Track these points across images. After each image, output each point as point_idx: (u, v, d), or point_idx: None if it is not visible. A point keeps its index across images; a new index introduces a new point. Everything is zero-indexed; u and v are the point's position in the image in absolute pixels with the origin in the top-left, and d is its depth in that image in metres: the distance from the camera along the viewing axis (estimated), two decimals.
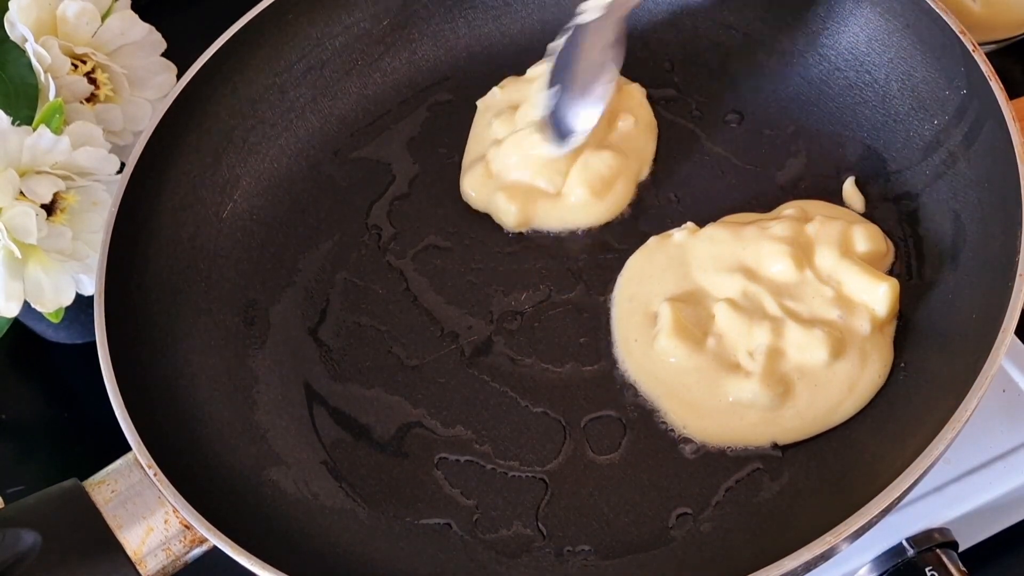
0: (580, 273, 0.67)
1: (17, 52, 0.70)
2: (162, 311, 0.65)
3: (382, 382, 0.65)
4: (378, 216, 0.72)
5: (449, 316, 0.66)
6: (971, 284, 0.59)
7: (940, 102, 0.64)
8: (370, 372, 0.65)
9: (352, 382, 0.65)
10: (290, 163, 0.74)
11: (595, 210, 0.68)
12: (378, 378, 0.65)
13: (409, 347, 0.66)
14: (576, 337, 0.65)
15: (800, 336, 0.59)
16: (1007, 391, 0.65)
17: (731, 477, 0.58)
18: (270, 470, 0.62)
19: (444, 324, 0.66)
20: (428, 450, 0.62)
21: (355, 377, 0.65)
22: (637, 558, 0.57)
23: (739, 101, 0.72)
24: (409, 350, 0.66)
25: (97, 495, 0.56)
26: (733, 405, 0.59)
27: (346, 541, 0.59)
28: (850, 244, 0.62)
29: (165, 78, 0.76)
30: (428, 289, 0.67)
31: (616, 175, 0.69)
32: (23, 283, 0.67)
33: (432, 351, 0.66)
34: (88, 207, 0.69)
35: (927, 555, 0.61)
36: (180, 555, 0.56)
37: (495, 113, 0.72)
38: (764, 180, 0.69)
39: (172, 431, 0.60)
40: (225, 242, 0.70)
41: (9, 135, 0.65)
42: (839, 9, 0.70)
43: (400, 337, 0.66)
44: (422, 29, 0.77)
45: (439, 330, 0.66)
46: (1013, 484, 0.63)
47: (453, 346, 0.66)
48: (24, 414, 0.83)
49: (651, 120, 0.72)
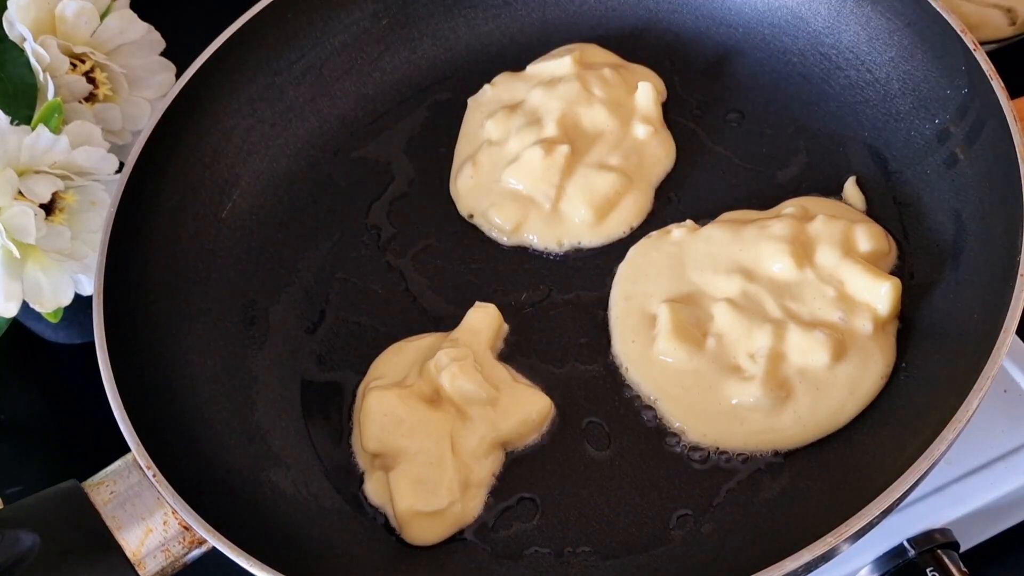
0: (580, 273, 0.67)
1: (16, 51, 0.69)
2: (161, 311, 0.65)
3: None
4: (377, 216, 0.71)
5: (448, 316, 0.66)
6: (972, 284, 0.59)
7: (941, 101, 0.64)
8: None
9: (352, 382, 0.65)
10: (289, 163, 0.74)
11: (597, 231, 0.68)
12: None
13: None
14: (576, 337, 0.65)
15: (801, 339, 0.59)
16: (1008, 391, 0.65)
17: (732, 478, 0.58)
18: (269, 471, 0.61)
19: (443, 324, 0.66)
20: None
21: (355, 377, 0.65)
22: (637, 559, 0.57)
23: (740, 100, 0.72)
24: None
25: (96, 496, 0.56)
26: (734, 408, 0.59)
27: (345, 542, 0.59)
28: (852, 243, 0.62)
29: (164, 77, 0.75)
30: (427, 289, 0.67)
31: (619, 198, 0.68)
32: (22, 283, 0.67)
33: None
34: (87, 207, 0.69)
35: (928, 556, 0.61)
36: (179, 556, 0.56)
37: (488, 113, 0.72)
38: (765, 179, 0.68)
39: (171, 432, 0.60)
40: (225, 242, 0.70)
41: (8, 134, 0.65)
42: (840, 8, 0.70)
43: (399, 337, 0.66)
44: (421, 28, 0.77)
45: (439, 330, 0.66)
46: (1014, 485, 0.63)
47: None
48: (23, 415, 0.83)
49: (668, 137, 0.71)
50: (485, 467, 0.60)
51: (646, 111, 0.70)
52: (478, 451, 0.59)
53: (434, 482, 0.58)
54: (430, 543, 0.58)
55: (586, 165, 0.68)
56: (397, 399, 0.60)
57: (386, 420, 0.60)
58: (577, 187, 0.67)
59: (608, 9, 0.77)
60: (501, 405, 0.60)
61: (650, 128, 0.70)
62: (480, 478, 0.59)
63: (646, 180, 0.69)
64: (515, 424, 0.60)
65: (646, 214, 0.68)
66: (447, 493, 0.58)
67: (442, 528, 0.58)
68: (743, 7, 0.74)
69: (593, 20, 0.77)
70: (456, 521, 0.59)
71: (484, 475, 0.59)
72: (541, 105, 0.71)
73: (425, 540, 0.59)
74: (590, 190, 0.67)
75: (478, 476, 0.59)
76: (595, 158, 0.69)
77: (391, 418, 0.60)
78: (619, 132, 0.70)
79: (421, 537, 0.58)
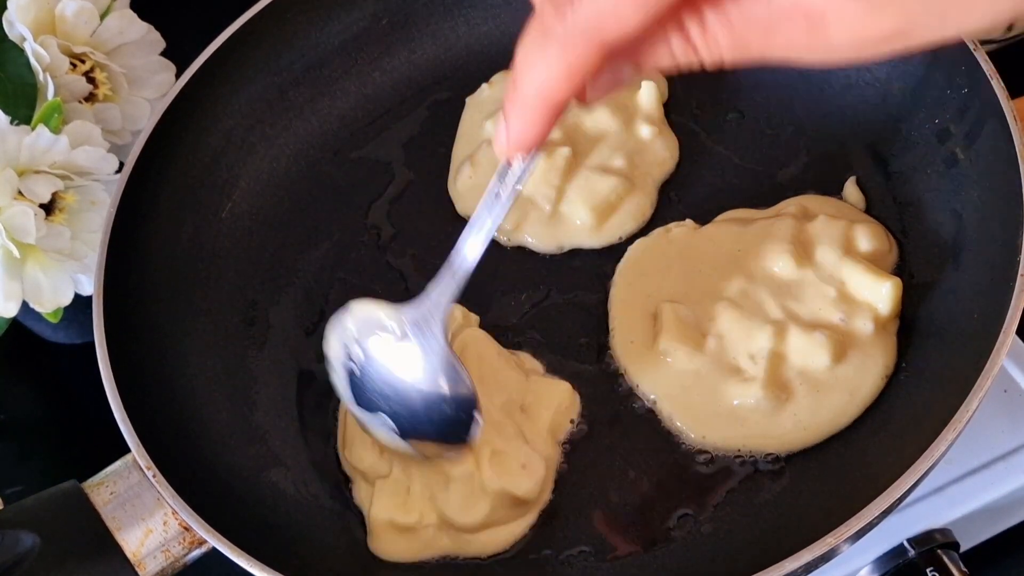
0: (580, 273, 0.67)
1: (16, 51, 0.69)
2: (161, 311, 0.65)
3: None
4: (377, 216, 0.71)
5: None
6: (972, 284, 0.59)
7: (941, 101, 0.64)
8: None
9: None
10: (289, 163, 0.74)
11: (597, 233, 0.68)
12: None
13: None
14: (576, 337, 0.64)
15: (802, 341, 0.59)
16: (1008, 391, 0.65)
17: (732, 478, 0.58)
18: (269, 471, 0.61)
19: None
20: None
21: None
22: (637, 559, 0.57)
23: (740, 100, 0.72)
24: None
25: (96, 496, 0.56)
26: (735, 409, 0.59)
27: (345, 542, 0.59)
28: (853, 243, 0.62)
29: (164, 77, 0.75)
30: None
31: (619, 202, 0.68)
32: (22, 283, 0.67)
33: None
34: (87, 207, 0.69)
35: (928, 556, 0.61)
36: (179, 557, 0.56)
37: (487, 114, 0.72)
38: (765, 179, 0.68)
39: (171, 432, 0.60)
40: (224, 242, 0.70)
41: (8, 134, 0.65)
42: None
43: None
44: (421, 28, 0.77)
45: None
46: (1014, 485, 0.63)
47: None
48: (23, 415, 0.83)
49: (671, 137, 0.71)
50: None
51: (649, 111, 0.70)
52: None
53: (410, 499, 0.58)
54: (394, 559, 0.58)
55: (588, 168, 0.68)
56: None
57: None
58: (578, 190, 0.67)
59: None
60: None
61: (654, 128, 0.70)
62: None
63: (649, 181, 0.69)
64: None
65: (647, 217, 0.68)
66: (417, 514, 0.57)
67: (409, 548, 0.58)
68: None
69: None
70: (426, 546, 0.58)
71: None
72: None
73: (390, 554, 0.58)
74: (591, 193, 0.67)
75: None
76: (597, 160, 0.68)
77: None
78: (622, 133, 0.70)
79: (386, 550, 0.58)
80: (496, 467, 0.57)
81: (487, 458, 0.57)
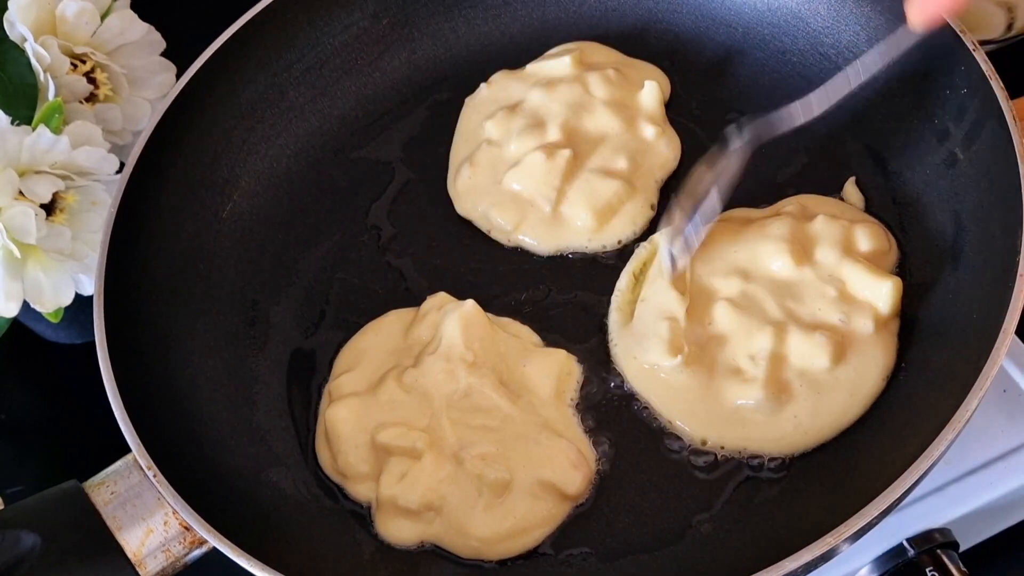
0: (580, 273, 0.67)
1: (16, 52, 0.69)
2: (162, 311, 0.65)
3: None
4: (377, 216, 0.71)
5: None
6: (972, 284, 0.59)
7: (941, 101, 0.64)
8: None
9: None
10: (290, 163, 0.74)
11: (598, 235, 0.68)
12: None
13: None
14: (576, 337, 0.64)
15: (802, 342, 0.59)
16: (1008, 391, 0.65)
17: (732, 479, 0.58)
18: (270, 471, 0.61)
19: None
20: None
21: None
22: (637, 560, 0.57)
23: (740, 100, 0.72)
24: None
25: (97, 496, 0.56)
26: (735, 410, 0.59)
27: (346, 543, 0.59)
28: (853, 243, 0.62)
29: (164, 78, 0.75)
30: (427, 290, 0.67)
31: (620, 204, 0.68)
32: (22, 283, 0.67)
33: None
34: (87, 207, 0.69)
35: (927, 556, 0.61)
36: (180, 556, 0.56)
37: (486, 114, 0.72)
38: (765, 179, 0.68)
39: (172, 432, 0.60)
40: (225, 242, 0.70)
41: (8, 135, 0.65)
42: (840, 8, 0.70)
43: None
44: (421, 28, 0.77)
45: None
46: (1014, 484, 0.63)
47: None
48: (23, 415, 0.83)
49: (674, 137, 0.71)
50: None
51: (651, 111, 0.70)
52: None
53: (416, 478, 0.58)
54: (396, 543, 0.58)
55: (589, 170, 0.68)
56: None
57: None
58: (579, 192, 0.67)
59: (608, 9, 0.77)
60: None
61: (657, 128, 0.70)
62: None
63: (651, 181, 0.69)
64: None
65: (649, 219, 0.68)
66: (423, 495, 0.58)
67: (412, 531, 0.58)
68: (743, 7, 0.74)
69: (593, 20, 0.77)
70: (429, 532, 0.58)
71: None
72: (542, 107, 0.70)
73: (392, 537, 0.58)
74: (592, 195, 0.67)
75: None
76: (598, 162, 0.68)
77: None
78: (624, 134, 0.70)
79: (390, 532, 0.58)
80: (543, 467, 0.58)
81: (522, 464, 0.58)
